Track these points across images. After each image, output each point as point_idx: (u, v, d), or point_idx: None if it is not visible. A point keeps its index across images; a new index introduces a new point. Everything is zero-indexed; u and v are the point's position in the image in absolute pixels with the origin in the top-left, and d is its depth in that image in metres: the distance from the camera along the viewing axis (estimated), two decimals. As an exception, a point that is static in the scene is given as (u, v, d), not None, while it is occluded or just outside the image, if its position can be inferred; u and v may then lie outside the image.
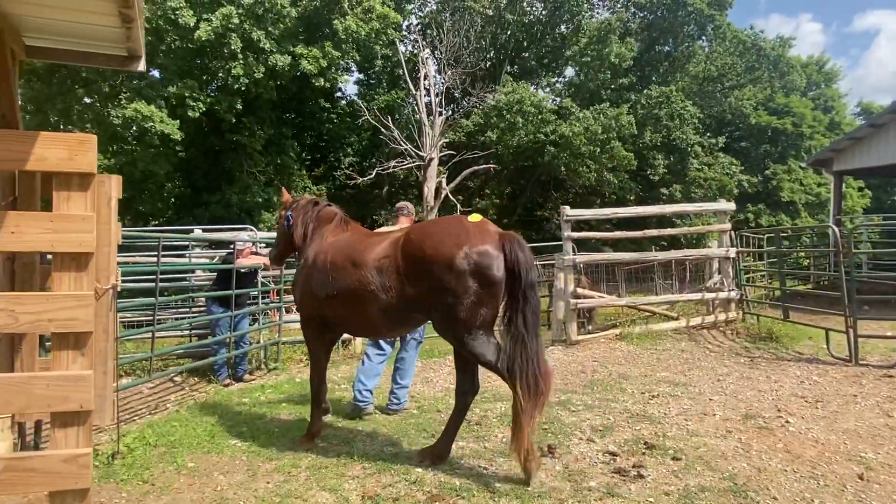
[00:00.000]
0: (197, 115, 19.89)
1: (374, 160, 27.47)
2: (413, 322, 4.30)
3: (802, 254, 16.05)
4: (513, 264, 3.64)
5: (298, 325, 10.68)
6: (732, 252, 9.39)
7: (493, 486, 3.57)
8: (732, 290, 9.30)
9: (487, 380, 6.67)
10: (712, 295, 9.36)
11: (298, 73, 21.30)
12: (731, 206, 9.76)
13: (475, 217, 3.99)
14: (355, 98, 29.47)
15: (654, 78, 30.30)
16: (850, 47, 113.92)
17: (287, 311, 14.13)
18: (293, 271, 10.44)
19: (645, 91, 27.99)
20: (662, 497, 3.45)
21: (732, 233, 9.66)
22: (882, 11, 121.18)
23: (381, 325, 4.18)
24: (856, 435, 4.54)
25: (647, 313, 9.99)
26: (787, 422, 4.85)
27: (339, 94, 29.41)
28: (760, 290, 11.47)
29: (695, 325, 9.09)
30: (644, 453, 4.15)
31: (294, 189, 24.80)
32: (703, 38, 31.30)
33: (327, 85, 22.54)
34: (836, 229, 8.34)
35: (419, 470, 3.84)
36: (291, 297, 11.43)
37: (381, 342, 5.40)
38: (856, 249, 11.24)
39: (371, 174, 24.71)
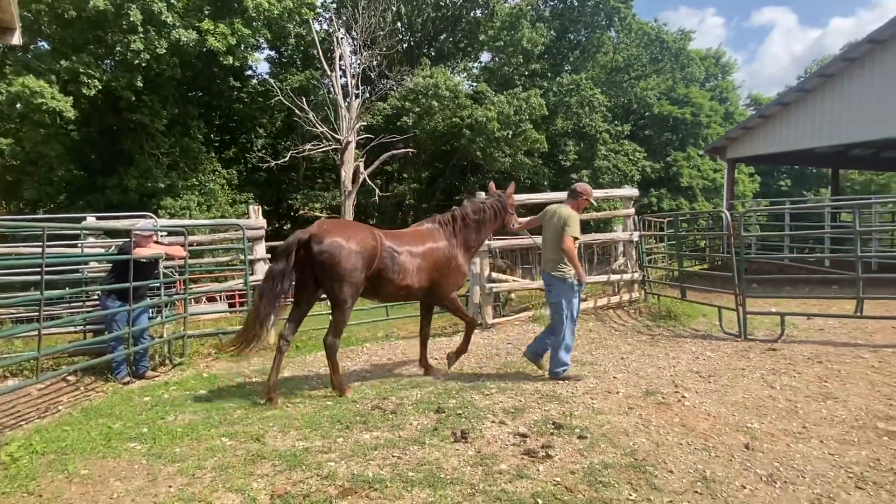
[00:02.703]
0: (92, 92, 18.41)
1: (288, 143, 26.64)
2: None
3: (699, 236, 17.19)
4: None
5: (206, 317, 10.23)
6: (636, 235, 9.90)
7: (407, 475, 3.58)
8: (636, 271, 9.82)
9: (405, 368, 6.69)
10: (617, 277, 9.83)
11: (205, 50, 20.16)
12: (635, 191, 10.26)
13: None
14: (267, 77, 28.36)
15: (565, 66, 31.21)
16: (748, 41, 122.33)
17: (196, 302, 13.45)
18: (197, 261, 9.96)
19: (557, 78, 28.76)
20: (568, 476, 3.59)
21: (636, 217, 10.17)
22: (775, 7, 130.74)
23: None
24: (743, 407, 4.89)
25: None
26: (683, 397, 5.16)
27: (249, 72, 28.20)
28: (661, 271, 12.17)
29: (601, 306, 9.52)
30: (552, 433, 4.30)
31: (201, 172, 23.63)
32: (612, 28, 32.53)
33: (236, 63, 21.54)
34: (728, 213, 8.97)
35: (332, 464, 3.79)
36: (199, 288, 10.91)
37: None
38: (745, 232, 12.16)
39: (285, 157, 23.96)
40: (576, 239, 5.63)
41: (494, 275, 9.31)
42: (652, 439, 4.19)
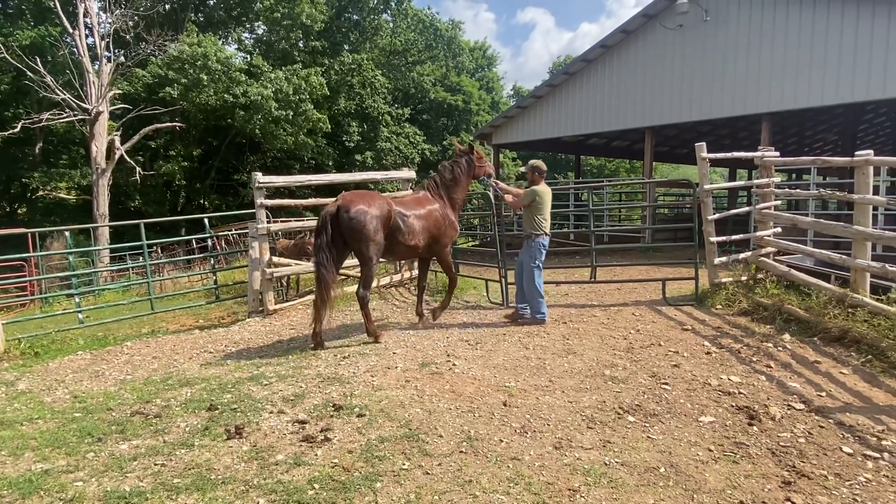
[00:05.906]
0: None
1: (20, 110, 22.34)
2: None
3: (472, 215, 18.63)
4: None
5: None
6: (414, 216, 10.34)
7: (172, 482, 3.32)
8: (415, 250, 10.28)
9: (174, 366, 6.15)
10: (399, 256, 10.20)
11: None
12: (413, 174, 10.70)
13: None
14: (-17, 29, 23.29)
15: (345, 46, 31.03)
16: (516, 37, 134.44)
17: None
18: None
19: (339, 57, 28.49)
20: (346, 455, 3.66)
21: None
22: (536, 8, 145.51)
23: None
24: (503, 368, 5.45)
25: (342, 277, 10.39)
26: (454, 365, 5.56)
27: (-45, 21, 22.86)
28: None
29: (384, 285, 9.81)
30: (332, 416, 4.32)
31: None
32: (388, 12, 33.16)
33: (-67, 7, 17.26)
34: (492, 195, 9.84)
35: (79, 484, 3.34)
36: None
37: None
38: (507, 211, 13.48)
39: (16, 127, 20.04)
40: None
41: (276, 259, 9.00)
42: (425, 408, 4.46)
